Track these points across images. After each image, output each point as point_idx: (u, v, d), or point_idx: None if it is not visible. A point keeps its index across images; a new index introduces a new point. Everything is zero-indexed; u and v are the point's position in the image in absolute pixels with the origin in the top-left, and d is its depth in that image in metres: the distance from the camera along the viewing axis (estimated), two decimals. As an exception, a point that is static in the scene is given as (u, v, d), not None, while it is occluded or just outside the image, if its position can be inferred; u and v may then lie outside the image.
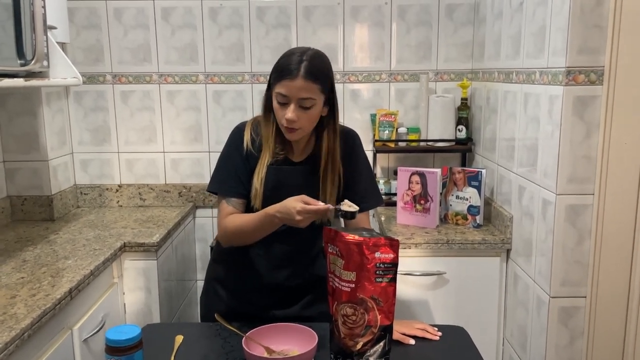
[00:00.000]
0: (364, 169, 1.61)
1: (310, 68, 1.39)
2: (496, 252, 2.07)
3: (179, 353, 1.33)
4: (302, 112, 1.40)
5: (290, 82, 1.38)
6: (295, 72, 1.37)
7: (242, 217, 1.48)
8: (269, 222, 1.40)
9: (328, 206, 1.32)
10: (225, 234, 1.51)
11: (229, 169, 1.53)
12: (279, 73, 1.41)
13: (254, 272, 1.56)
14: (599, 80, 1.59)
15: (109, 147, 2.59)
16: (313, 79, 1.39)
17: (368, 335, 1.21)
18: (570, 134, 1.62)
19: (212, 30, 2.51)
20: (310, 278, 1.59)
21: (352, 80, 2.56)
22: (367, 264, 1.19)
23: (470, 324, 1.67)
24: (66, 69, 1.90)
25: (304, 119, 1.42)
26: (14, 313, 1.38)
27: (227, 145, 1.56)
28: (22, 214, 2.32)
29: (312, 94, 1.39)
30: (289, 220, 1.35)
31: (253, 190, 1.49)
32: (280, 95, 1.40)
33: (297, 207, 1.31)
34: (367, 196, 1.58)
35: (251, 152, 1.51)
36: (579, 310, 1.70)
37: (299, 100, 1.39)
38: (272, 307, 1.56)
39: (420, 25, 2.52)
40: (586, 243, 1.67)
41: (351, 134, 1.61)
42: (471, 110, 2.53)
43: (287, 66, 1.39)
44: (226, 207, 1.51)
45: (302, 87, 1.38)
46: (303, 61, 1.39)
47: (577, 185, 1.65)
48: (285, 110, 1.40)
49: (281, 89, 1.39)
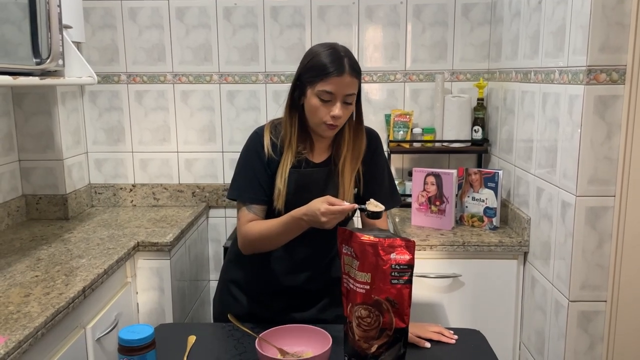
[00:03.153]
0: (385, 169, 1.60)
1: (352, 64, 1.40)
2: (513, 254, 2.03)
3: (192, 353, 1.32)
4: (345, 108, 1.41)
5: (339, 78, 1.37)
6: (343, 69, 1.37)
7: (265, 223, 1.45)
8: (296, 226, 1.38)
9: (353, 205, 1.31)
10: (247, 240, 1.48)
11: (249, 176, 1.50)
12: (321, 71, 1.39)
13: (272, 274, 1.54)
14: (620, 80, 1.55)
15: (123, 146, 2.60)
16: (357, 75, 1.41)
17: (383, 338, 1.19)
18: (591, 134, 1.58)
19: (226, 30, 2.51)
20: (328, 281, 1.57)
21: (366, 80, 2.54)
22: (382, 265, 1.17)
23: (487, 327, 1.64)
24: (81, 68, 1.91)
25: (345, 115, 1.42)
26: (27, 311, 1.38)
27: (245, 151, 1.53)
28: (37, 213, 2.34)
29: (355, 89, 1.41)
30: (315, 222, 1.33)
31: (276, 191, 1.46)
32: (325, 93, 1.39)
33: (322, 208, 1.30)
34: (388, 196, 1.56)
35: (272, 157, 1.49)
36: (599, 315, 1.67)
37: (345, 96, 1.39)
38: (288, 310, 1.53)
39: (436, 24, 2.49)
40: (607, 246, 1.63)
41: (374, 134, 1.59)
42: (487, 110, 2.49)
43: (332, 63, 1.38)
44: (246, 214, 1.48)
45: (349, 83, 1.39)
46: (346, 57, 1.39)
47: (598, 187, 1.61)
48: (329, 107, 1.39)
49: (327, 86, 1.38)
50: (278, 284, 1.54)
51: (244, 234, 1.48)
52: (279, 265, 1.53)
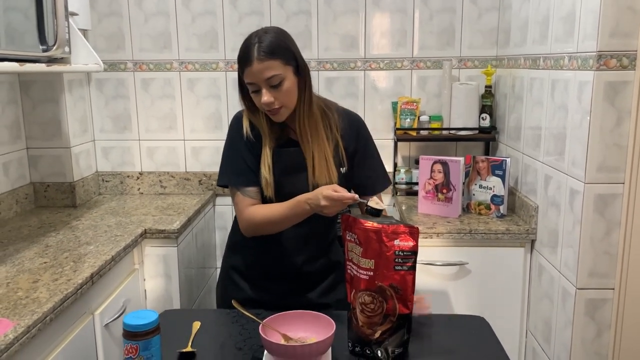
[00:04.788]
0: (373, 151, 1.60)
1: (262, 48, 1.37)
2: (520, 242, 2.02)
3: (197, 339, 1.33)
4: (275, 91, 1.39)
5: (249, 69, 1.38)
6: (251, 58, 1.37)
7: (269, 207, 1.46)
8: (301, 210, 1.39)
9: (354, 196, 1.31)
10: (252, 224, 1.48)
11: (236, 160, 1.51)
12: (240, 63, 1.41)
13: (271, 258, 1.55)
14: (631, 65, 1.53)
15: (130, 134, 2.60)
16: (270, 56, 1.37)
17: (387, 324, 1.19)
18: (601, 121, 1.56)
19: (232, 17, 2.50)
20: (327, 264, 1.58)
21: (373, 67, 2.52)
22: (386, 251, 1.17)
23: (493, 315, 1.64)
24: (87, 55, 1.91)
25: (282, 97, 1.40)
26: (36, 297, 1.39)
27: (229, 136, 1.55)
28: (45, 200, 2.35)
29: (274, 70, 1.38)
30: (316, 207, 1.34)
31: (263, 180, 1.47)
32: (249, 85, 1.41)
33: (325, 192, 1.31)
34: (377, 178, 1.57)
35: (252, 141, 1.50)
36: (607, 303, 1.65)
37: (266, 81, 1.38)
38: (288, 294, 1.55)
39: (444, 11, 2.46)
40: (615, 233, 1.61)
41: (354, 115, 1.60)
42: (495, 98, 2.47)
43: (242, 55, 1.40)
44: (243, 198, 1.49)
45: (263, 68, 1.37)
46: (255, 44, 1.38)
47: (607, 174, 1.59)
48: (260, 96, 1.40)
49: (246, 78, 1.40)
50: (277, 268, 1.55)
51: (248, 218, 1.48)
52: (278, 249, 1.54)
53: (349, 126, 1.54)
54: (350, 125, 1.55)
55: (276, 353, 1.16)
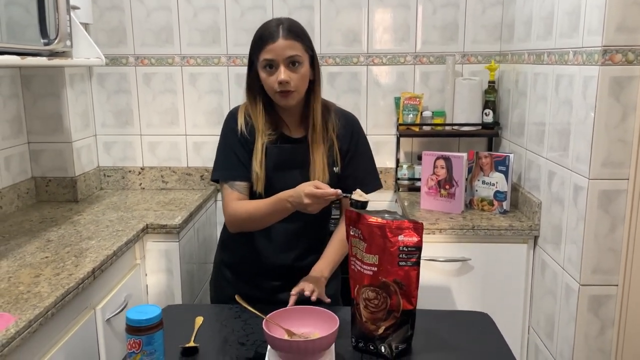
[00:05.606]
0: (365, 152, 1.58)
1: (289, 27, 1.42)
2: (523, 238, 2.01)
3: (199, 334, 1.32)
4: (292, 72, 1.41)
5: (273, 45, 1.39)
6: (277, 34, 1.40)
7: (252, 203, 1.46)
8: (281, 208, 1.38)
9: (337, 191, 1.30)
10: (235, 219, 1.48)
11: (228, 155, 1.51)
12: (259, 42, 1.42)
13: (262, 254, 1.55)
14: (637, 60, 1.52)
15: (132, 129, 2.59)
16: (295, 37, 1.41)
17: (390, 320, 1.19)
18: (606, 116, 1.55)
19: (234, 12, 2.48)
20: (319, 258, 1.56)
21: (376, 62, 2.50)
22: (390, 247, 1.16)
23: (496, 311, 1.63)
24: (89, 49, 1.90)
25: (296, 79, 1.42)
26: (38, 292, 1.39)
27: (223, 131, 1.55)
28: (46, 195, 2.35)
29: (297, 51, 1.41)
30: (299, 205, 1.33)
31: (254, 174, 1.47)
32: (266, 62, 1.41)
33: (306, 190, 1.30)
34: (365, 179, 1.55)
35: (246, 137, 1.50)
36: (610, 299, 1.65)
37: (286, 60, 1.40)
38: (282, 290, 1.52)
39: (447, 5, 2.45)
40: (619, 230, 1.61)
41: (351, 116, 1.60)
42: (499, 93, 2.45)
43: (265, 33, 1.42)
44: (231, 192, 1.49)
45: (287, 46, 1.39)
46: (280, 24, 1.42)
47: (611, 170, 1.58)
48: (275, 75, 1.41)
49: (266, 54, 1.41)
50: (269, 263, 1.55)
51: (232, 213, 1.48)
52: (269, 245, 1.54)
53: (345, 126, 1.55)
54: (345, 126, 1.55)
55: (279, 348, 1.16)
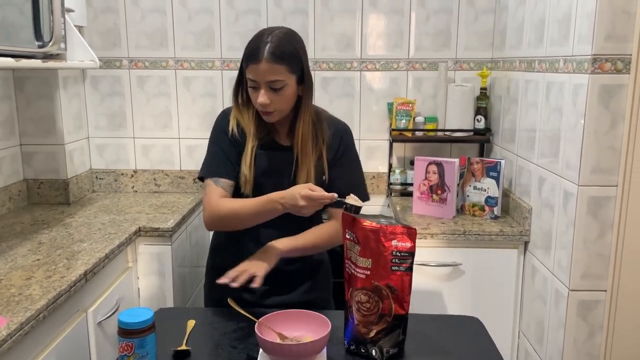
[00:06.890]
0: (352, 164, 1.56)
1: (274, 50, 1.36)
2: (514, 244, 2.03)
3: (191, 337, 1.32)
4: (273, 94, 1.39)
5: (255, 66, 1.37)
6: (260, 56, 1.36)
7: (239, 201, 1.45)
8: (271, 208, 1.37)
9: (333, 195, 1.30)
10: (217, 215, 1.46)
11: (216, 152, 1.51)
12: (246, 58, 1.40)
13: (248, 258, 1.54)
14: (625, 69, 1.54)
15: (125, 132, 2.59)
16: (278, 61, 1.36)
17: (382, 324, 1.20)
18: (595, 124, 1.58)
19: (229, 16, 2.49)
20: (309, 263, 1.56)
21: (369, 68, 2.52)
22: (383, 251, 1.17)
23: (486, 316, 1.64)
24: (83, 51, 1.90)
25: (277, 101, 1.40)
26: (29, 294, 1.38)
27: (213, 130, 1.54)
28: (38, 197, 2.34)
29: (279, 75, 1.37)
30: (293, 206, 1.32)
31: (242, 177, 1.47)
32: (250, 80, 1.40)
33: (302, 192, 1.30)
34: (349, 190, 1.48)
35: (237, 137, 1.49)
36: (599, 304, 1.67)
37: (267, 83, 1.38)
38: (271, 293, 1.52)
39: (441, 12, 2.47)
40: (608, 235, 1.63)
41: (342, 125, 1.58)
42: (490, 100, 2.48)
43: (252, 50, 1.38)
44: (215, 188, 1.48)
45: (268, 70, 1.36)
46: (267, 43, 1.37)
47: (601, 177, 1.60)
48: (258, 94, 1.39)
49: (249, 73, 1.39)
50: None
51: (214, 209, 1.46)
52: (253, 249, 1.50)
53: (334, 134, 1.54)
54: (334, 134, 1.54)
55: (271, 352, 1.16)
